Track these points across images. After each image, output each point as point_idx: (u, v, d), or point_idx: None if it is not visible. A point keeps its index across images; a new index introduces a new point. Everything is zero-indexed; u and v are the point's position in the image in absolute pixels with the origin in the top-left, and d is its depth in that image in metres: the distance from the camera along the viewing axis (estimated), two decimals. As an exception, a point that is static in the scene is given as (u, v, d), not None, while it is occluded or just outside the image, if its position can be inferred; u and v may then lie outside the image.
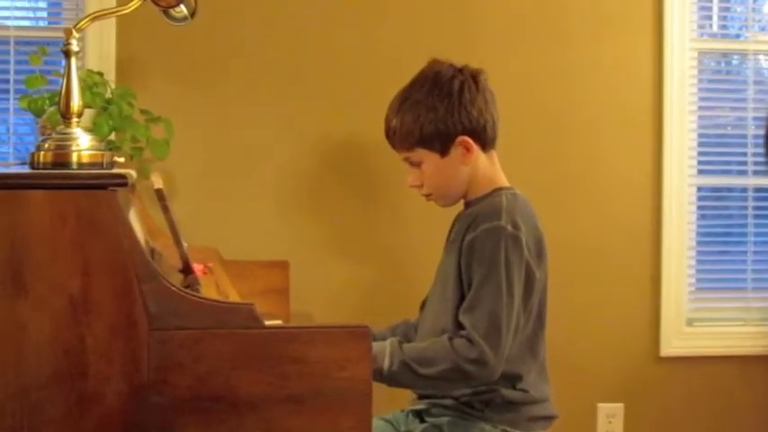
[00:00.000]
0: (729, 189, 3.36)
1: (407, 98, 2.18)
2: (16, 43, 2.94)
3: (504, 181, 2.22)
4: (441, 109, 2.14)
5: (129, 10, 1.94)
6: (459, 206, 2.26)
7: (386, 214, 3.08)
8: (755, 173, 3.32)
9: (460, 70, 2.19)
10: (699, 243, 3.30)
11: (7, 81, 2.95)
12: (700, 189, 3.29)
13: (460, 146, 2.16)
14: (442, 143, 2.15)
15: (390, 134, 2.20)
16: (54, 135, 1.81)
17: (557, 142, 3.15)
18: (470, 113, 2.15)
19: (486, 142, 2.19)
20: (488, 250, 2.05)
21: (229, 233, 2.94)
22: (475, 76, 2.19)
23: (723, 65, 3.45)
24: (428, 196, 2.24)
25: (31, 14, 3.12)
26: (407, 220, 3.05)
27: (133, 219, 1.80)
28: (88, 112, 2.54)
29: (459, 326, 2.05)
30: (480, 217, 2.10)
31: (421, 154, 2.18)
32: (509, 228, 2.06)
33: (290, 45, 3.02)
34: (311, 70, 3.03)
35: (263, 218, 3.02)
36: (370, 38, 3.05)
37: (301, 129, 3.03)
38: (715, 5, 3.32)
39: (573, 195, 3.15)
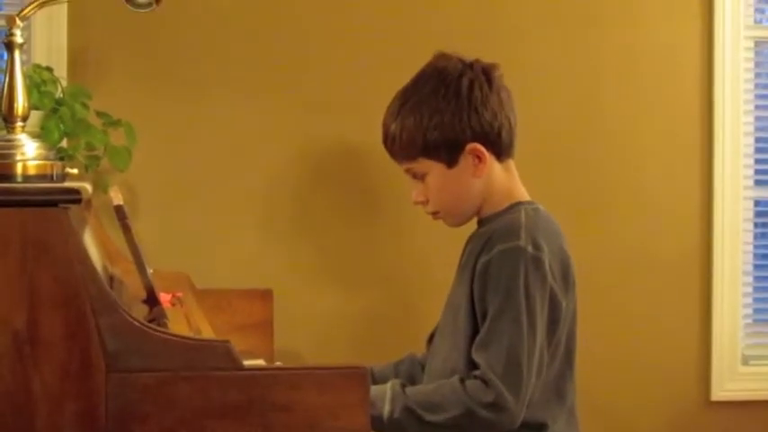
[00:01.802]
0: (792, 203, 3.37)
1: (408, 99, 2.19)
2: (-49, 34, 2.96)
3: (523, 194, 2.23)
4: (447, 112, 2.15)
5: (83, -5, 1.96)
6: (473, 225, 2.27)
7: (386, 233, 3.09)
8: (822, 183, 3.33)
9: (470, 65, 2.20)
10: (756, 267, 3.30)
11: (-60, 79, 2.96)
12: (757, 203, 3.30)
13: (471, 155, 2.17)
14: (449, 152, 2.17)
15: (389, 142, 2.22)
16: (-5, 143, 1.83)
17: (585, 148, 3.15)
18: (482, 116, 2.16)
19: (501, 150, 2.20)
20: (505, 275, 2.06)
21: (202, 257, 2.94)
22: (488, 73, 2.20)
23: (784, 56, 3.46)
24: (435, 214, 2.25)
25: (-33, 0, 3.13)
26: (412, 241, 3.06)
27: (88, 241, 1.82)
28: (35, 115, 2.54)
29: (473, 364, 2.07)
30: (496, 236, 2.11)
31: (425, 165, 2.19)
32: (529, 248, 2.07)
33: (272, 34, 3.02)
34: (297, 65, 3.03)
35: (242, 239, 3.02)
36: (366, 25, 3.05)
37: (286, 133, 3.03)
38: (774, -14, 3.34)
39: (605, 212, 3.15)
